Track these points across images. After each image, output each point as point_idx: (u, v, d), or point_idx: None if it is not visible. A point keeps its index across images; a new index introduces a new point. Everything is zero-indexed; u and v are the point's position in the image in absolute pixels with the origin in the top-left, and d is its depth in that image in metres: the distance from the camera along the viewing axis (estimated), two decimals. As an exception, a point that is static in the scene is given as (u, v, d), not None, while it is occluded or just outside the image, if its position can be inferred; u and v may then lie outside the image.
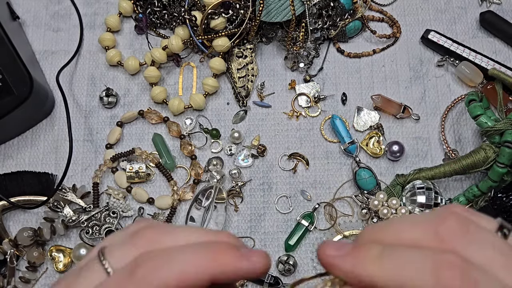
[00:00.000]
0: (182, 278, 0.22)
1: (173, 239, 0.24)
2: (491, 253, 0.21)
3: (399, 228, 0.23)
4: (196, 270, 0.22)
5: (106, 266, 0.23)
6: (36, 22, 0.61)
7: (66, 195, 0.53)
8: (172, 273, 0.22)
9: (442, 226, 0.22)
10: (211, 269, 0.22)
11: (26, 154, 0.56)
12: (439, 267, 0.20)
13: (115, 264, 0.23)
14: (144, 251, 0.23)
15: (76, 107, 0.57)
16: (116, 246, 0.24)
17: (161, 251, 0.23)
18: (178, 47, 0.56)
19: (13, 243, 0.51)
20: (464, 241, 0.21)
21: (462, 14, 0.60)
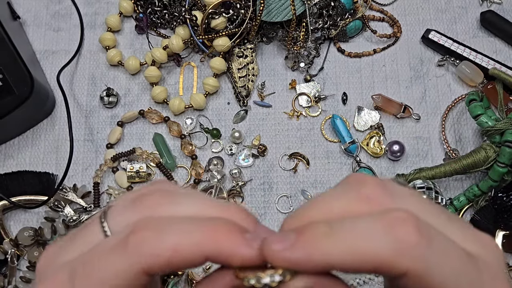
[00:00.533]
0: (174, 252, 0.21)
1: (175, 208, 0.23)
2: (418, 204, 0.21)
3: (326, 203, 0.22)
4: (189, 246, 0.21)
5: (106, 229, 0.23)
6: (37, 22, 0.61)
7: (67, 194, 0.53)
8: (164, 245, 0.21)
9: (363, 188, 0.22)
10: (205, 249, 0.21)
11: (26, 154, 0.56)
12: (392, 226, 0.20)
13: (114, 227, 0.23)
14: (142, 217, 0.22)
15: (76, 107, 0.57)
16: (119, 208, 0.23)
17: (158, 220, 0.22)
18: (179, 46, 0.56)
19: (14, 243, 0.51)
20: (390, 198, 0.22)
21: (463, 13, 0.60)
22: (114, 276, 0.21)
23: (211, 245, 0.21)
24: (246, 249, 0.21)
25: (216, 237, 0.21)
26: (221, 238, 0.21)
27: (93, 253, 0.22)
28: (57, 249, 0.23)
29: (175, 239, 0.21)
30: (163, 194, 0.23)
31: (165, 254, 0.21)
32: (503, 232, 0.51)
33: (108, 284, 0.21)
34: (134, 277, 0.21)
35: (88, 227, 0.23)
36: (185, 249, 0.21)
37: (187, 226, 0.21)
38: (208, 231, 0.21)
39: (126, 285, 0.21)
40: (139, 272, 0.21)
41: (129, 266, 0.21)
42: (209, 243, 0.21)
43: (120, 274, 0.21)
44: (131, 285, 0.21)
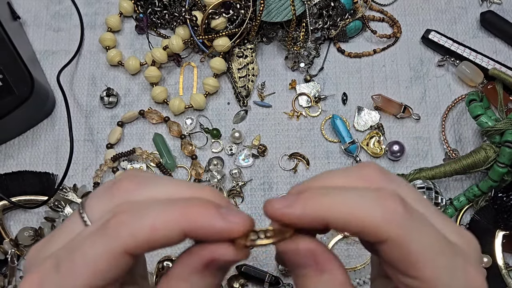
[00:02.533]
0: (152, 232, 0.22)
1: (151, 191, 0.24)
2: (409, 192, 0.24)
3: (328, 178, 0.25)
4: (166, 225, 0.22)
5: (85, 219, 0.24)
6: (37, 22, 0.61)
7: (67, 194, 0.53)
8: (142, 226, 0.22)
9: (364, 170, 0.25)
10: (182, 225, 0.22)
11: (27, 154, 0.56)
12: (382, 198, 0.23)
13: (93, 216, 0.24)
14: (119, 203, 0.23)
15: (76, 107, 0.57)
16: (94, 199, 0.24)
17: (135, 204, 0.23)
18: (179, 47, 0.56)
19: (14, 243, 0.51)
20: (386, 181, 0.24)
21: (463, 14, 0.60)
22: (97, 259, 0.22)
23: (187, 220, 0.22)
24: (221, 222, 0.22)
25: (192, 213, 0.22)
26: (197, 213, 0.22)
27: (75, 241, 0.23)
28: (40, 244, 0.24)
29: (152, 218, 0.22)
30: (137, 180, 0.24)
31: (144, 233, 0.22)
32: (503, 232, 0.51)
33: (92, 267, 0.22)
34: (116, 259, 0.22)
35: (69, 221, 0.24)
36: (163, 226, 0.22)
37: (164, 206, 0.22)
38: (184, 208, 0.22)
39: (110, 267, 0.22)
40: (121, 253, 0.22)
41: (111, 248, 0.22)
42: (185, 218, 0.22)
43: (102, 256, 0.22)
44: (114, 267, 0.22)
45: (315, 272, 0.24)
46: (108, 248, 0.22)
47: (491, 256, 0.50)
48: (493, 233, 0.51)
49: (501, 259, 0.51)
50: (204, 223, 0.22)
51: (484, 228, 0.52)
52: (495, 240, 0.51)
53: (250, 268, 0.51)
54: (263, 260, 0.52)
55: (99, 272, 0.22)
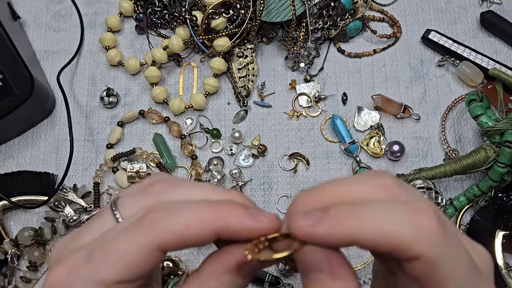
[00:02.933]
0: (186, 229, 0.22)
1: (183, 193, 0.25)
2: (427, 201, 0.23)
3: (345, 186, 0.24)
4: (199, 223, 0.23)
5: (117, 216, 0.24)
6: (37, 22, 0.61)
7: (67, 195, 0.53)
8: (176, 223, 0.22)
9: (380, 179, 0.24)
10: (214, 224, 0.23)
11: (27, 154, 0.56)
12: (414, 212, 0.22)
13: (125, 214, 0.24)
14: (153, 202, 0.24)
15: (76, 107, 0.57)
16: (128, 197, 0.25)
17: (169, 203, 0.24)
18: (179, 47, 0.56)
19: (14, 243, 0.51)
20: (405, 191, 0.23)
21: (463, 14, 0.60)
22: (130, 252, 0.22)
23: (219, 220, 0.23)
24: (250, 220, 0.23)
25: (224, 212, 0.23)
26: (228, 213, 0.23)
27: (107, 234, 0.23)
28: (69, 238, 0.25)
29: (186, 216, 0.23)
30: (169, 183, 0.25)
31: (178, 230, 0.22)
32: (503, 232, 0.51)
33: (124, 259, 0.22)
34: (148, 253, 0.22)
35: (100, 216, 0.25)
36: (196, 225, 0.23)
37: (197, 205, 0.23)
38: (216, 209, 0.23)
39: (141, 261, 0.22)
40: (153, 248, 0.22)
41: (145, 242, 0.22)
42: (217, 218, 0.23)
43: (135, 249, 0.22)
44: (146, 261, 0.22)
45: (329, 277, 0.23)
46: (142, 242, 0.22)
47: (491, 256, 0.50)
48: (493, 233, 0.51)
49: (501, 259, 0.51)
50: (235, 222, 0.23)
51: (484, 228, 0.52)
52: (495, 240, 0.51)
53: (250, 268, 0.51)
54: (263, 260, 0.52)
55: (130, 266, 0.22)
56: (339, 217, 0.22)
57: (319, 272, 0.23)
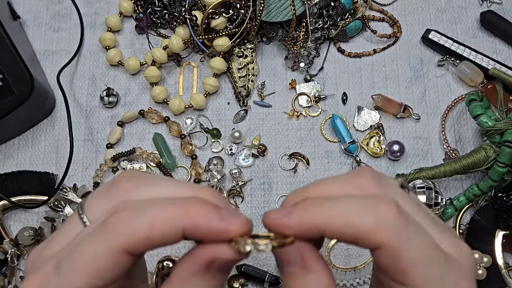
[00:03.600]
0: (151, 229, 0.22)
1: (150, 191, 0.24)
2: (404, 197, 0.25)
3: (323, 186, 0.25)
4: (165, 222, 0.22)
5: (84, 220, 0.24)
6: (37, 22, 0.61)
7: (67, 194, 0.53)
8: (141, 224, 0.22)
9: (358, 178, 0.25)
10: (180, 223, 0.22)
11: (26, 154, 0.56)
12: (376, 205, 0.23)
13: (92, 217, 0.24)
14: (119, 202, 0.23)
15: (76, 107, 0.57)
16: (94, 199, 0.24)
17: (134, 203, 0.23)
18: (179, 46, 0.56)
19: (14, 243, 0.51)
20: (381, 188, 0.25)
21: (463, 13, 0.60)
22: (96, 258, 0.22)
23: (186, 219, 0.22)
24: (219, 222, 0.22)
25: (191, 212, 0.22)
26: (196, 212, 0.22)
27: (74, 241, 0.23)
28: (41, 247, 0.24)
29: (151, 216, 0.22)
30: (136, 180, 0.24)
31: (143, 231, 0.22)
32: (503, 232, 0.51)
33: (90, 266, 0.22)
34: (115, 257, 0.22)
35: (68, 222, 0.24)
36: (161, 224, 0.22)
37: (163, 204, 0.23)
38: (183, 207, 0.22)
39: (109, 266, 0.22)
40: (119, 251, 0.22)
41: (109, 246, 0.22)
42: (184, 217, 0.22)
43: (101, 255, 0.22)
44: (114, 266, 0.22)
45: (301, 271, 0.24)
46: (106, 246, 0.22)
47: (491, 256, 0.50)
48: (493, 233, 0.51)
49: (501, 259, 0.51)
50: (203, 223, 0.22)
51: (484, 228, 0.52)
52: (495, 240, 0.51)
53: (250, 268, 0.51)
54: (263, 260, 0.52)
55: (98, 272, 0.22)
56: (307, 208, 0.24)
57: (292, 266, 0.24)
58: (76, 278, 0.22)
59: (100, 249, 0.22)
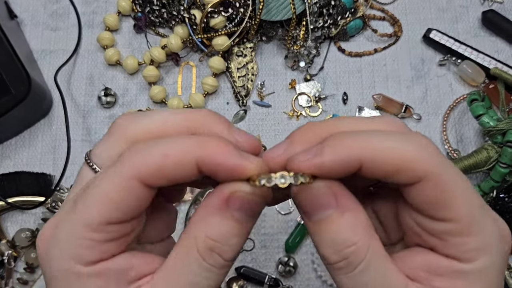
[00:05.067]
0: (164, 158, 0.21)
1: (146, 122, 0.24)
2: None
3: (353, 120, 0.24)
4: (178, 152, 0.21)
5: (94, 166, 0.24)
6: (34, 21, 0.60)
7: (64, 195, 0.53)
8: (153, 152, 0.21)
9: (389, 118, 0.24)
10: (195, 154, 0.21)
11: (23, 154, 0.55)
12: (416, 136, 0.22)
13: (101, 161, 0.24)
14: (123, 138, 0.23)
15: (74, 107, 0.57)
16: (99, 145, 0.24)
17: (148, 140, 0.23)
18: (177, 46, 0.56)
19: (10, 244, 0.51)
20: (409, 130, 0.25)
21: (464, 13, 0.60)
22: (110, 188, 0.21)
23: (202, 151, 0.21)
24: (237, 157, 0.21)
25: (207, 144, 0.22)
26: (212, 145, 0.22)
27: (90, 180, 0.23)
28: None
29: (164, 146, 0.22)
30: (130, 115, 0.24)
31: (155, 159, 0.21)
32: (505, 233, 0.51)
33: (105, 199, 0.21)
34: (129, 187, 0.21)
35: (79, 175, 0.25)
36: (175, 153, 0.21)
37: (177, 137, 0.22)
38: (199, 140, 0.22)
39: (124, 196, 0.21)
40: (132, 179, 0.21)
41: (122, 175, 0.21)
42: (200, 150, 0.21)
43: (115, 185, 0.21)
44: (129, 196, 0.22)
45: (336, 212, 0.22)
46: (119, 176, 0.21)
47: (493, 257, 0.50)
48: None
49: (503, 261, 0.50)
50: (219, 156, 0.21)
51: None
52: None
53: (250, 270, 0.51)
54: (263, 262, 0.52)
55: (113, 203, 0.21)
56: (344, 141, 0.22)
57: (325, 209, 0.22)
58: (91, 211, 0.21)
59: (113, 180, 0.21)
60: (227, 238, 0.22)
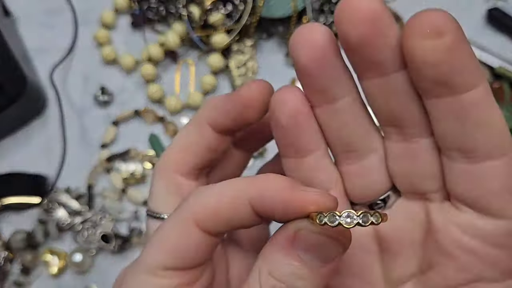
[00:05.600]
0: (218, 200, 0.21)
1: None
2: None
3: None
4: (232, 192, 0.20)
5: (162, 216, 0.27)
6: (29, 18, 0.59)
7: (60, 196, 0.52)
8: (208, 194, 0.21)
9: None
10: (248, 194, 0.20)
11: (18, 155, 0.55)
12: None
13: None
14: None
15: (69, 106, 0.56)
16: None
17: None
18: (175, 43, 0.55)
19: (6, 246, 0.50)
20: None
21: (468, 11, 0.59)
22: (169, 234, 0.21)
23: (254, 188, 0.20)
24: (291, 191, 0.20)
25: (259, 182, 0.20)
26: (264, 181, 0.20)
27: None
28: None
29: (219, 188, 0.21)
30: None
31: (210, 202, 0.21)
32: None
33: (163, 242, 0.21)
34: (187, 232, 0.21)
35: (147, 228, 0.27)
36: (228, 194, 0.21)
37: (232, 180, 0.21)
38: (251, 179, 0.21)
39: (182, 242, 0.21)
40: (189, 223, 0.21)
41: (179, 219, 0.21)
42: (251, 188, 0.20)
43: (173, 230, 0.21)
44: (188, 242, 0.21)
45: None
46: (177, 220, 0.21)
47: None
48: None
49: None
50: (271, 192, 0.20)
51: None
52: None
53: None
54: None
55: (172, 247, 0.21)
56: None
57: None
58: (147, 257, 0.21)
59: (171, 224, 0.21)
60: (291, 280, 0.20)
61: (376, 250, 0.24)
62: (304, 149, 0.23)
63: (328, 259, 0.20)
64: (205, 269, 0.23)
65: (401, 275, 0.24)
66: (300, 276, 0.20)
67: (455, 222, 0.21)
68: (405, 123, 0.21)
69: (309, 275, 0.20)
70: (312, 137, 0.23)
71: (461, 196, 0.21)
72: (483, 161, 0.20)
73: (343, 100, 0.23)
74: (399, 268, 0.24)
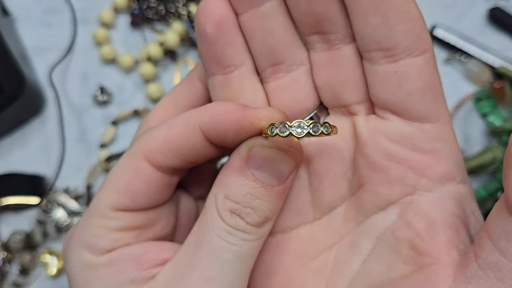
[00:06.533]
0: (167, 131, 0.21)
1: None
2: None
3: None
4: (181, 121, 0.21)
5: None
6: (28, 18, 0.59)
7: (59, 197, 0.52)
8: (157, 128, 0.21)
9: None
10: (197, 120, 0.20)
11: (17, 155, 0.54)
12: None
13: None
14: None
15: (68, 106, 0.56)
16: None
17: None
18: (175, 43, 0.55)
19: (4, 247, 0.50)
20: None
21: (470, 10, 0.59)
22: (120, 173, 0.21)
23: (204, 116, 0.20)
24: (239, 110, 0.20)
25: (207, 108, 0.21)
26: (212, 107, 0.21)
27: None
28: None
29: (170, 122, 0.21)
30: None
31: (160, 134, 0.21)
32: (511, 237, 0.50)
33: (114, 182, 0.21)
34: (137, 169, 0.21)
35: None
36: (178, 124, 0.21)
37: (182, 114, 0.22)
38: (201, 108, 0.21)
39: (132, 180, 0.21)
40: (140, 159, 0.21)
41: (130, 156, 0.21)
42: (201, 115, 0.20)
43: (125, 169, 0.21)
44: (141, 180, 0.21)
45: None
46: (128, 157, 0.21)
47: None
48: (500, 237, 0.50)
49: (509, 265, 0.49)
50: (220, 115, 0.20)
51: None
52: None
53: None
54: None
55: (121, 187, 0.21)
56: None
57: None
58: (100, 198, 0.21)
59: (121, 163, 0.21)
60: (247, 200, 0.19)
61: (303, 175, 0.23)
62: (229, 63, 0.22)
63: (282, 177, 0.20)
64: (161, 215, 0.22)
65: (330, 199, 0.22)
66: (255, 195, 0.19)
67: (382, 131, 0.21)
68: (327, 27, 0.20)
69: (265, 194, 0.20)
70: (237, 49, 0.22)
71: (385, 102, 0.20)
72: (404, 59, 0.19)
73: (269, 3, 0.21)
74: (328, 191, 0.22)
